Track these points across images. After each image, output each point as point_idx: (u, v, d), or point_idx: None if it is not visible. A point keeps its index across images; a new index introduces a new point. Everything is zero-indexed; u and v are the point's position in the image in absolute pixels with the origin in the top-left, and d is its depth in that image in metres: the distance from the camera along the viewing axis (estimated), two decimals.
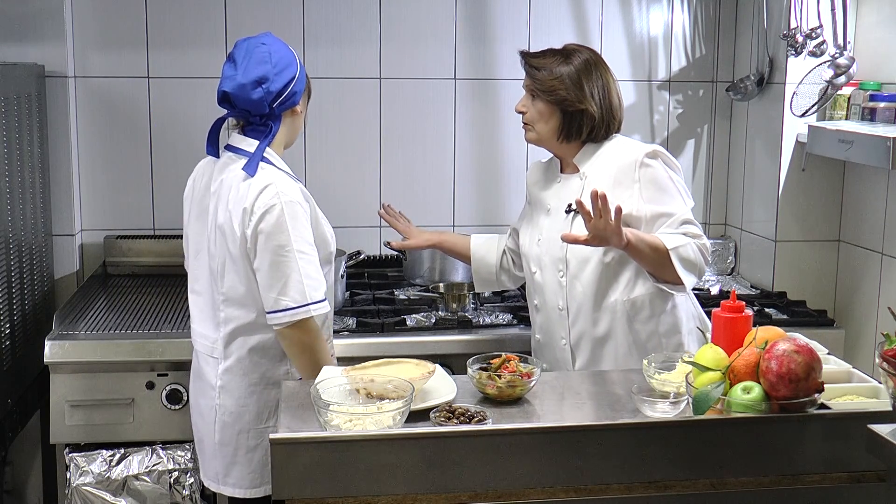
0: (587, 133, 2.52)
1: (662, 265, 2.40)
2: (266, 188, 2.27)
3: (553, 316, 2.58)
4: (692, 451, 1.84)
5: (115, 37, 3.47)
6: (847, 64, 3.19)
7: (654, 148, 2.50)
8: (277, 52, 2.35)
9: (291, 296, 2.25)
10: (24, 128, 3.04)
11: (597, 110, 2.50)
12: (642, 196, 2.45)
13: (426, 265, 3.40)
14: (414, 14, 3.59)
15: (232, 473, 2.44)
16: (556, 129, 2.52)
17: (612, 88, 2.54)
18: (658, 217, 2.44)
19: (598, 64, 2.54)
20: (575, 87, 2.48)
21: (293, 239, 2.26)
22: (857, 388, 2.01)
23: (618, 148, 2.54)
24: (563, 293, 2.54)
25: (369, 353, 2.73)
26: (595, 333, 2.52)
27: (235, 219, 2.29)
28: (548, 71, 2.50)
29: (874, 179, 3.22)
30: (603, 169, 2.51)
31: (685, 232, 2.44)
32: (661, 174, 2.47)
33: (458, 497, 1.80)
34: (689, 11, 3.72)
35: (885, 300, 3.15)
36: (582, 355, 2.54)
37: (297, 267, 2.26)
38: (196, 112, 3.38)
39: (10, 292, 2.91)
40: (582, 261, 2.50)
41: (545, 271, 2.59)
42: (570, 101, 2.48)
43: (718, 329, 2.04)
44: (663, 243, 2.38)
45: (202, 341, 2.46)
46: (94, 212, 3.54)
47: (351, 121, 3.61)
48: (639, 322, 2.51)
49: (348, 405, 1.93)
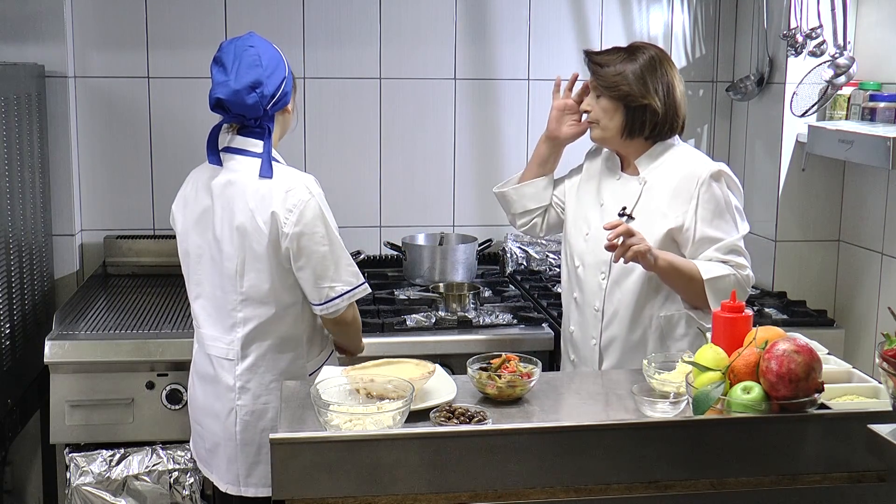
0: (650, 129, 2.47)
1: (696, 293, 2.37)
2: (293, 188, 2.32)
3: (588, 314, 2.55)
4: (692, 451, 1.84)
5: (115, 37, 3.47)
6: (847, 64, 3.19)
7: (720, 168, 2.45)
8: (266, 54, 2.35)
9: (346, 279, 2.37)
10: (24, 128, 3.04)
11: (660, 106, 2.45)
12: (697, 215, 2.41)
13: (426, 265, 3.41)
14: (414, 14, 3.59)
15: (255, 473, 2.43)
16: (621, 125, 2.48)
17: (677, 86, 2.49)
18: (707, 240, 2.41)
19: (664, 61, 2.49)
20: (638, 82, 2.44)
21: (330, 228, 2.36)
22: (857, 388, 2.01)
23: (683, 158, 2.49)
24: (601, 295, 2.51)
25: (369, 353, 2.72)
26: (627, 341, 2.50)
27: (260, 217, 2.31)
28: (611, 67, 2.46)
29: (874, 179, 3.22)
30: (664, 178, 2.47)
31: (728, 260, 2.40)
32: (720, 197, 2.42)
33: (458, 497, 1.80)
34: (689, 11, 3.72)
35: (885, 300, 3.15)
36: (610, 358, 2.52)
37: (342, 253, 2.38)
38: (196, 112, 3.38)
39: (10, 292, 2.92)
40: (625, 269, 2.45)
41: (588, 269, 2.55)
42: (634, 96, 2.44)
43: (718, 329, 2.04)
44: (700, 272, 2.35)
45: (214, 344, 2.44)
46: (94, 212, 3.54)
47: (351, 121, 3.61)
48: (672, 339, 2.48)
49: (348, 405, 1.93)
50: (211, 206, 2.39)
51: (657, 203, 2.44)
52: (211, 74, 2.35)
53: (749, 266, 2.43)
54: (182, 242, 2.49)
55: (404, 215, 3.67)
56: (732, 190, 2.46)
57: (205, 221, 2.40)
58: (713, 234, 2.41)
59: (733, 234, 2.43)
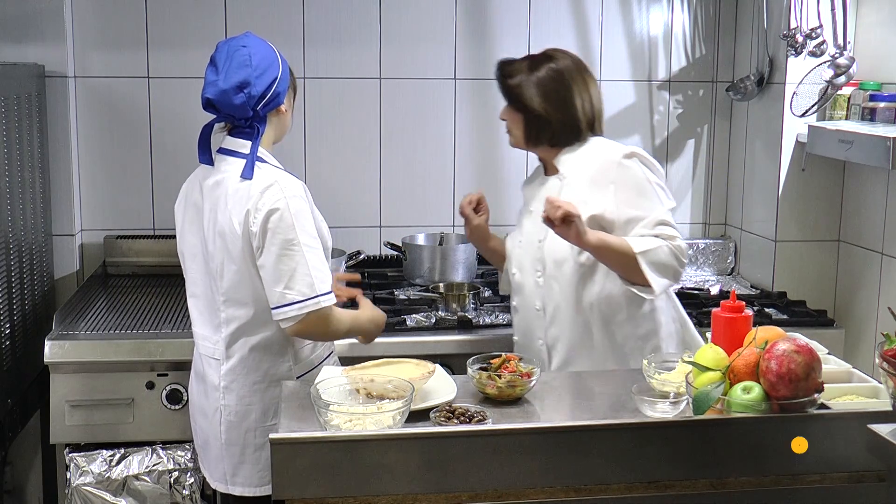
0: (549, 138, 2.55)
1: (631, 269, 2.39)
2: (270, 187, 2.29)
3: (530, 316, 2.59)
4: (692, 451, 1.84)
5: (115, 37, 3.47)
6: (847, 64, 3.19)
7: (632, 149, 2.50)
8: (258, 54, 2.34)
9: (298, 289, 2.26)
10: (24, 128, 3.04)
11: (556, 116, 2.52)
12: (618, 198, 2.45)
13: (426, 265, 3.41)
14: (414, 14, 3.59)
15: (240, 473, 2.44)
16: (524, 134, 2.57)
17: (574, 98, 2.53)
18: (632, 220, 2.44)
19: (565, 72, 2.54)
20: (537, 94, 2.52)
21: (299, 233, 2.27)
22: (857, 388, 2.01)
23: (596, 149, 2.54)
24: (539, 293, 2.55)
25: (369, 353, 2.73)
26: (571, 334, 2.53)
27: (236, 219, 2.30)
28: (514, 79, 2.55)
29: (874, 179, 3.22)
30: (581, 170, 2.52)
31: (659, 234, 2.42)
32: (637, 175, 2.46)
33: (458, 497, 1.80)
34: (689, 11, 3.72)
35: (885, 300, 3.15)
36: (558, 356, 2.54)
37: (304, 260, 2.27)
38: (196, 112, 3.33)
39: (10, 292, 2.92)
40: (558, 262, 2.51)
41: (524, 273, 2.61)
42: (530, 107, 2.52)
43: (718, 329, 2.04)
44: (631, 247, 2.38)
45: (203, 343, 2.46)
46: (94, 212, 3.54)
47: (351, 121, 3.61)
48: (615, 324, 2.51)
49: (348, 405, 1.93)
50: (202, 207, 2.40)
51: (577, 194, 2.48)
52: (205, 74, 2.36)
53: (680, 237, 2.45)
54: (179, 241, 2.51)
55: (404, 215, 3.67)
56: (648, 167, 2.49)
57: (198, 221, 2.42)
58: (637, 213, 2.44)
59: (657, 209, 2.45)
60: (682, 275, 2.48)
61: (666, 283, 2.43)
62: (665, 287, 2.45)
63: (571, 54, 2.61)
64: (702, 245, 3.75)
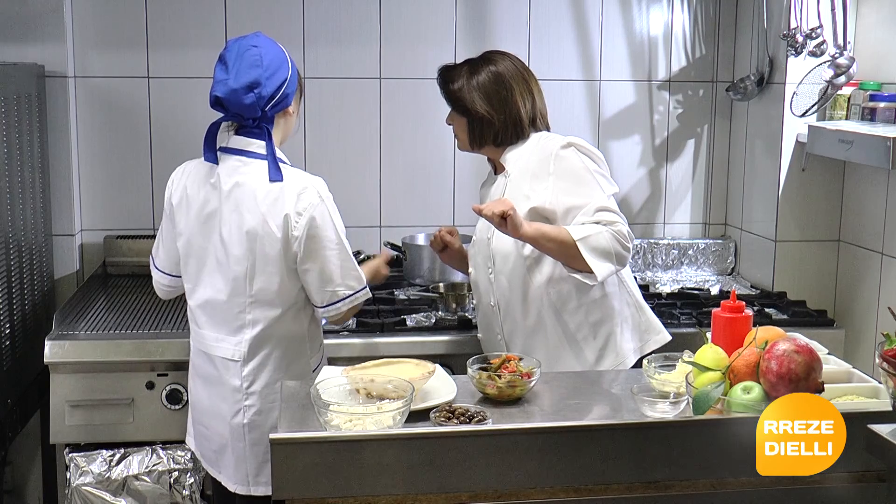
0: (493, 138, 2.58)
1: (572, 256, 2.39)
2: (305, 190, 2.34)
3: (487, 312, 2.63)
4: (692, 451, 1.84)
5: (115, 37, 3.47)
6: (847, 64, 3.19)
7: (569, 139, 2.51)
8: (269, 55, 2.34)
9: (350, 284, 2.40)
10: (24, 128, 3.04)
11: (498, 116, 2.55)
12: (557, 188, 2.46)
13: (426, 265, 3.40)
14: (414, 14, 3.59)
15: (264, 472, 2.42)
16: (468, 136, 2.61)
17: (516, 97, 2.56)
18: (572, 209, 2.44)
19: (508, 72, 2.58)
20: (478, 96, 2.55)
21: (339, 231, 2.38)
22: (857, 388, 2.01)
23: (537, 143, 2.57)
24: (492, 289, 2.59)
25: (369, 353, 2.73)
26: (525, 326, 2.55)
27: (273, 222, 2.32)
28: (455, 83, 2.59)
29: (874, 179, 3.22)
30: (523, 165, 2.55)
31: (599, 220, 2.42)
32: (575, 164, 2.47)
33: (458, 497, 1.80)
34: (689, 11, 3.72)
35: (885, 300, 3.15)
36: (515, 349, 2.56)
37: (346, 255, 2.40)
38: (196, 112, 3.37)
39: (10, 292, 2.92)
40: (504, 257, 2.55)
41: (478, 270, 2.65)
42: (471, 110, 2.56)
43: (718, 329, 2.04)
44: (570, 235, 2.37)
45: (219, 345, 2.43)
46: (94, 212, 3.54)
47: (351, 121, 3.61)
48: (567, 313, 2.53)
49: (348, 405, 1.93)
50: (218, 209, 2.37)
51: (520, 189, 2.50)
52: (214, 72, 2.36)
53: (622, 221, 2.44)
54: (181, 243, 2.47)
55: (404, 215, 3.67)
56: (586, 155, 2.50)
57: (211, 224, 2.39)
58: (576, 201, 2.44)
59: (597, 195, 2.45)
60: (628, 258, 2.45)
61: (610, 267, 2.40)
62: (609, 272, 2.42)
63: (511, 55, 2.64)
64: (702, 245, 3.75)
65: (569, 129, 3.69)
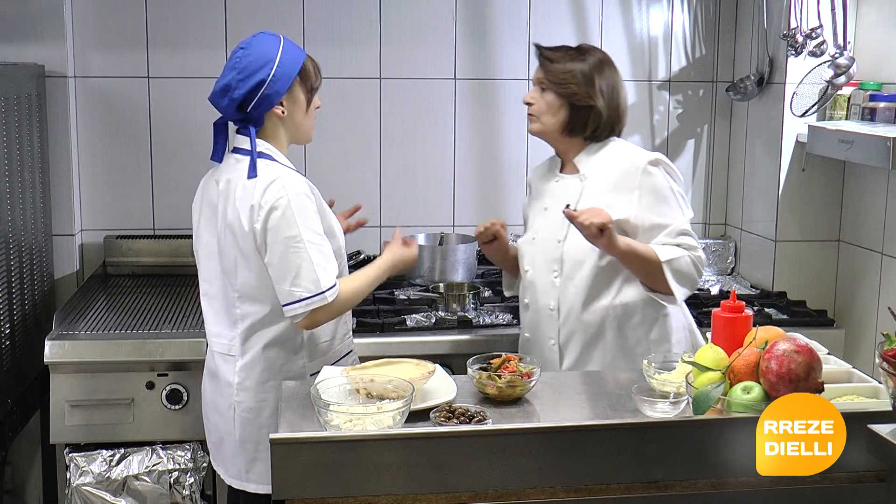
0: (591, 130, 2.53)
1: (654, 276, 2.41)
2: (272, 183, 2.31)
3: (543, 315, 2.58)
4: (692, 451, 1.84)
5: (115, 37, 3.47)
6: (847, 64, 3.19)
7: (657, 156, 2.50)
8: (250, 56, 2.33)
9: (304, 286, 2.28)
10: (24, 128, 3.04)
11: (604, 108, 2.51)
12: (641, 203, 2.45)
13: (426, 265, 3.40)
14: (414, 14, 3.59)
15: (254, 469, 2.44)
16: (563, 122, 2.53)
17: (620, 91, 2.57)
18: (655, 227, 2.44)
19: (609, 65, 2.57)
20: (586, 83, 2.50)
21: (302, 230, 2.29)
22: (857, 388, 2.01)
23: (620, 152, 2.54)
24: (555, 293, 2.54)
25: (369, 353, 2.73)
26: (585, 335, 2.52)
27: (244, 216, 2.32)
28: (561, 64, 2.52)
29: (874, 179, 3.22)
30: (603, 172, 2.51)
31: (681, 243, 2.44)
32: (661, 183, 2.46)
33: (458, 497, 1.80)
34: (689, 11, 3.72)
35: (885, 300, 3.15)
36: (570, 356, 2.54)
37: (307, 256, 2.28)
38: (196, 112, 3.37)
39: (10, 292, 2.92)
40: (577, 262, 2.50)
41: (538, 270, 2.59)
42: (580, 95, 2.50)
43: (718, 329, 2.04)
44: (657, 255, 2.38)
45: (218, 340, 2.47)
46: (94, 212, 3.54)
47: (351, 121, 3.61)
48: (630, 327, 2.51)
49: (348, 405, 1.93)
50: (216, 205, 2.42)
51: (600, 197, 2.47)
52: None
53: (700, 248, 2.48)
54: (195, 240, 2.52)
55: (404, 215, 3.67)
56: (671, 175, 2.50)
57: (214, 219, 2.44)
58: (660, 220, 2.45)
59: (679, 218, 2.47)
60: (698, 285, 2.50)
61: (687, 291, 2.46)
62: (686, 296, 2.48)
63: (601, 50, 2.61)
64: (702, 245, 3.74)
65: None
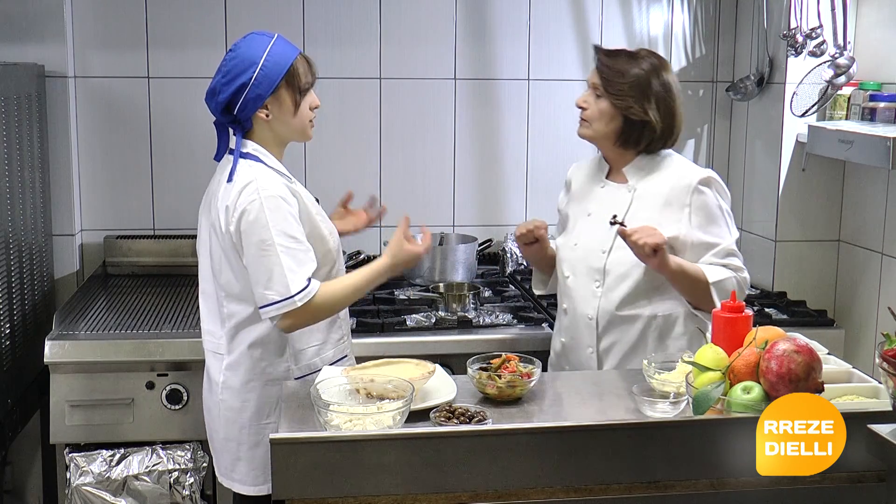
0: (645, 144, 2.49)
1: (700, 295, 2.39)
2: (247, 186, 2.30)
3: (581, 323, 2.53)
4: (692, 451, 1.84)
5: (115, 37, 3.47)
6: (847, 64, 3.20)
7: (709, 175, 2.46)
8: (235, 59, 2.33)
9: (276, 289, 2.26)
10: (24, 128, 3.04)
11: (659, 123, 2.46)
12: (691, 222, 2.42)
13: (426, 265, 3.40)
14: (414, 14, 3.59)
15: (237, 469, 2.45)
16: (616, 132, 2.48)
17: (677, 103, 2.49)
18: (704, 246, 2.42)
19: (667, 73, 2.48)
20: (643, 96, 2.44)
21: (274, 233, 2.26)
22: (857, 388, 2.01)
23: (672, 167, 2.50)
24: (595, 303, 2.50)
25: (369, 353, 2.72)
26: (625, 344, 2.49)
27: (222, 216, 2.33)
28: (621, 74, 2.45)
29: (874, 179, 3.22)
30: (654, 186, 2.48)
31: (728, 264, 2.42)
32: (712, 202, 2.44)
33: (458, 497, 1.80)
34: (689, 11, 3.72)
35: (885, 300, 3.15)
36: (609, 365, 2.51)
37: (279, 260, 2.26)
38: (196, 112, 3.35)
39: (10, 292, 2.91)
40: (621, 276, 2.47)
41: (578, 278, 2.54)
42: (636, 110, 2.44)
43: (718, 329, 2.04)
44: (705, 275, 2.36)
45: (209, 338, 2.48)
46: (94, 212, 3.54)
47: (351, 121, 3.61)
48: (671, 338, 2.48)
49: (348, 405, 1.93)
50: (210, 203, 2.43)
51: (649, 213, 2.44)
52: None
53: (745, 269, 2.45)
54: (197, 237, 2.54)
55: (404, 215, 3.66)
56: (722, 195, 2.48)
57: (207, 217, 2.45)
58: (709, 239, 2.43)
59: (727, 238, 2.45)
60: None
61: None
62: None
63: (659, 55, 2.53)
64: None
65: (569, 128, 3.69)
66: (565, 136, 3.65)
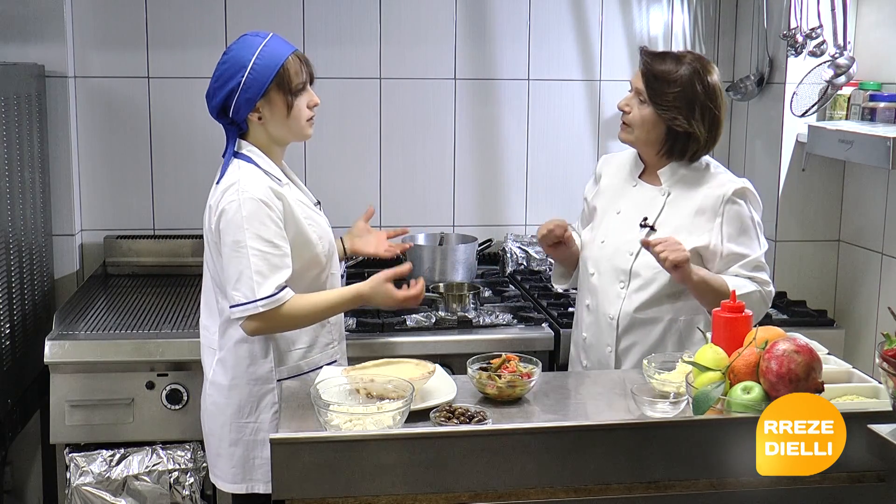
0: (689, 155, 2.46)
1: None
2: (230, 186, 2.31)
3: (602, 322, 2.53)
4: (692, 451, 1.84)
5: (115, 37, 3.47)
6: (847, 64, 3.20)
7: (744, 185, 2.45)
8: (226, 63, 2.34)
9: (242, 291, 2.27)
10: (24, 128, 3.04)
11: (704, 133, 2.43)
12: (723, 232, 2.41)
13: (426, 265, 3.40)
14: (414, 14, 3.59)
15: (218, 465, 2.47)
16: (658, 141, 2.46)
17: (722, 110, 2.45)
18: (734, 257, 2.41)
19: (711, 76, 2.43)
20: (688, 107, 2.40)
21: (248, 235, 2.26)
22: (857, 388, 2.01)
23: (707, 175, 2.48)
24: (618, 304, 2.49)
25: (369, 353, 2.73)
26: (645, 346, 2.48)
27: (206, 214, 2.37)
28: (666, 82, 2.40)
29: (874, 179, 3.22)
30: (687, 193, 2.46)
31: (754, 277, 2.41)
32: (745, 214, 2.43)
33: (458, 497, 1.80)
34: (689, 11, 3.72)
35: (885, 300, 3.15)
36: (627, 364, 2.51)
37: (249, 263, 2.26)
38: (196, 112, 3.36)
39: (10, 292, 2.91)
40: (647, 280, 2.46)
41: (603, 276, 2.52)
42: (680, 121, 2.41)
43: (718, 329, 2.04)
44: (728, 289, 2.32)
45: (205, 333, 2.50)
46: (94, 212, 3.54)
47: (351, 121, 3.61)
48: (690, 343, 2.47)
49: (348, 405, 1.93)
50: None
51: (681, 220, 2.44)
52: None
53: (771, 283, 2.44)
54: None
55: (404, 215, 3.66)
56: (755, 207, 2.47)
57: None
58: (739, 250, 2.42)
59: (756, 250, 2.44)
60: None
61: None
62: None
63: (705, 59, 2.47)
64: None
65: (569, 128, 3.71)
66: (565, 136, 3.65)
